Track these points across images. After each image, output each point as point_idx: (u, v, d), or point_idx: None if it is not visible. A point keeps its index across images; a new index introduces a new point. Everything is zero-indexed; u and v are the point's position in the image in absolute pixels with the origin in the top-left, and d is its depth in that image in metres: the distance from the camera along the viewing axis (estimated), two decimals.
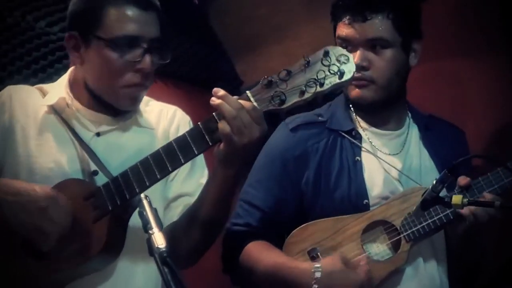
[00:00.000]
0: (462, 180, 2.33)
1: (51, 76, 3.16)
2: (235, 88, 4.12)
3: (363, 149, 2.48)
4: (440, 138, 2.57)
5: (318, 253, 2.39)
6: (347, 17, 2.43)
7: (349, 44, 2.43)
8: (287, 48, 3.88)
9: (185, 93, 3.96)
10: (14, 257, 2.09)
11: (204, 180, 2.31)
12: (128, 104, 2.25)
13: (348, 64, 1.95)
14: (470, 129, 2.83)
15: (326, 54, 1.96)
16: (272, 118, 2.09)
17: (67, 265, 2.06)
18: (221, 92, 1.99)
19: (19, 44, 3.29)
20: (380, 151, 2.50)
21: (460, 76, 3.47)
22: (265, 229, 2.48)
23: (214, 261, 2.52)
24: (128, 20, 2.15)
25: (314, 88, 1.96)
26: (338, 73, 1.95)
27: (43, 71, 3.26)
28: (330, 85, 1.95)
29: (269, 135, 2.51)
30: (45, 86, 2.35)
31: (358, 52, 2.42)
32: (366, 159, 2.48)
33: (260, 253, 2.44)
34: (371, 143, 2.51)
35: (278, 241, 2.48)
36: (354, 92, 2.47)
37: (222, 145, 2.02)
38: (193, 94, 3.92)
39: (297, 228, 2.44)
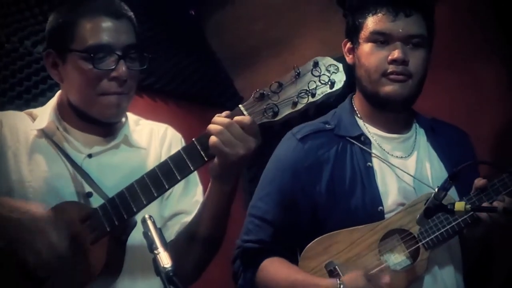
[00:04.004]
0: (478, 181, 2.29)
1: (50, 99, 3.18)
2: (235, 104, 4.12)
3: (373, 154, 2.44)
4: (447, 141, 2.53)
5: (336, 267, 2.31)
6: (387, 11, 2.39)
7: (387, 38, 2.39)
8: (285, 62, 3.85)
9: (185, 112, 3.97)
10: (13, 285, 2.05)
11: (198, 197, 2.30)
12: (109, 114, 2.21)
13: (338, 73, 1.96)
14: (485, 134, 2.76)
15: (316, 64, 1.97)
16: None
17: None
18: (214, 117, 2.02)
19: (18, 69, 3.33)
20: (391, 155, 2.46)
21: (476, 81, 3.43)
22: (278, 245, 2.43)
23: (216, 274, 2.50)
24: (100, 29, 2.15)
25: (306, 99, 1.97)
26: (329, 82, 1.96)
27: (43, 95, 3.29)
28: (322, 95, 1.97)
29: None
30: (35, 111, 2.33)
31: (399, 47, 2.38)
32: (378, 164, 2.43)
33: (278, 271, 2.39)
34: (381, 147, 2.46)
35: (291, 256, 2.43)
36: (389, 88, 2.40)
37: (216, 159, 2.02)
38: (193, 112, 3.93)
39: (311, 242, 2.37)
